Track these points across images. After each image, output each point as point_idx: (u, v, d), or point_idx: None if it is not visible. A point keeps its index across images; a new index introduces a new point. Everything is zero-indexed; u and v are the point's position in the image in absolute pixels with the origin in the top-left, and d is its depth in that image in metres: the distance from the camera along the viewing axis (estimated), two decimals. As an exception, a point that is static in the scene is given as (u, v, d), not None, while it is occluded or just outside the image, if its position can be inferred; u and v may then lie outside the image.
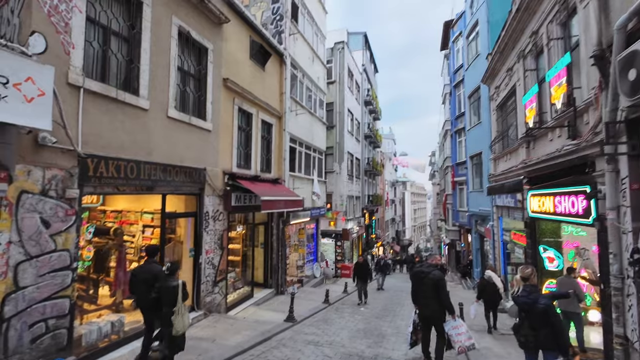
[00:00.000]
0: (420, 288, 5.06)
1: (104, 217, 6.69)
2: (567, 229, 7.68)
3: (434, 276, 4.92)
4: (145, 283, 4.43)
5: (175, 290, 4.23)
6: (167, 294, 4.20)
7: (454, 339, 4.86)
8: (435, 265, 5.24)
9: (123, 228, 6.31)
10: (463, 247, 20.91)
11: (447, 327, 4.88)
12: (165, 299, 4.20)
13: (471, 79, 15.35)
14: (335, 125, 19.99)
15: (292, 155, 12.14)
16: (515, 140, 9.25)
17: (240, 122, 8.71)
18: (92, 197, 5.53)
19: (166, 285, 4.26)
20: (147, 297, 4.37)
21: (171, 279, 4.34)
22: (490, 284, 8.32)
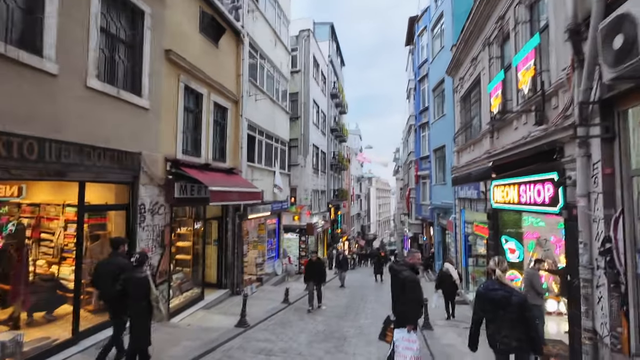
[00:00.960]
0: (393, 285, 4.75)
1: (18, 211, 5.46)
2: (527, 220, 7.63)
3: (403, 277, 4.46)
4: (110, 276, 4.27)
5: (145, 281, 4.14)
6: (136, 285, 4.10)
7: (399, 351, 4.14)
8: (410, 265, 4.68)
9: (25, 224, 5.12)
10: (425, 241, 21.23)
11: (397, 336, 4.23)
12: (134, 291, 4.08)
13: (435, 72, 15.33)
14: (300, 117, 19.24)
15: (251, 144, 11.23)
16: (479, 131, 9.13)
17: (188, 103, 7.68)
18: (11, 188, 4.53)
19: (135, 276, 4.13)
20: (112, 290, 4.20)
21: (139, 270, 4.22)
22: (447, 275, 8.75)
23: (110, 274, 4.30)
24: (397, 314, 4.59)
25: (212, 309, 8.13)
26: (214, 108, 8.85)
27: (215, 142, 8.98)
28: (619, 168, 3.76)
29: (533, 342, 3.43)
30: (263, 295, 10.49)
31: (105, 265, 4.51)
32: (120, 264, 4.41)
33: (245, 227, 10.85)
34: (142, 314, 4.08)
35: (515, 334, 3.47)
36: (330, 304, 9.68)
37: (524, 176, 5.94)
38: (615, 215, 3.77)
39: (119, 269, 4.30)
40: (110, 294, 4.26)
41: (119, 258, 4.59)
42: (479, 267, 10.57)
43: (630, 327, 3.63)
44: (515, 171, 6.17)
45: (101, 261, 4.76)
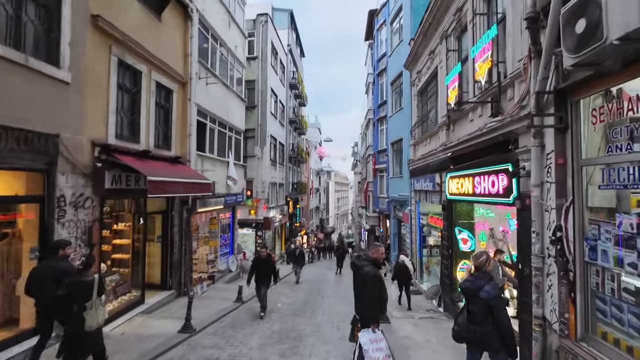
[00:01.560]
0: (355, 282, 4.39)
1: None
2: (479, 210, 7.87)
3: (364, 272, 4.14)
4: (49, 281, 4.04)
5: (90, 285, 3.94)
6: (82, 289, 3.90)
7: (370, 355, 3.91)
8: (373, 260, 4.28)
9: None
10: (382, 233, 21.70)
11: (363, 339, 3.96)
12: (78, 296, 3.88)
13: (394, 66, 15.44)
14: (257, 106, 18.39)
15: (201, 132, 10.34)
16: (435, 124, 9.25)
17: (122, 80, 6.70)
18: None
19: (80, 280, 3.95)
20: (53, 296, 3.92)
21: (86, 273, 4.04)
22: (404, 267, 9.04)
23: (49, 279, 4.06)
24: (360, 312, 4.32)
25: (155, 313, 7.31)
26: (157, 89, 7.88)
27: (158, 127, 8.03)
28: (570, 158, 3.80)
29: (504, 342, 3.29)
30: (214, 294, 9.79)
31: (42, 270, 4.26)
32: (62, 268, 4.20)
33: (195, 222, 10.01)
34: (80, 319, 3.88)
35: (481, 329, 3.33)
36: (286, 301, 9.29)
37: (479, 168, 6.01)
38: (566, 204, 3.82)
39: (61, 273, 4.07)
40: (49, 300, 3.99)
41: (59, 262, 4.34)
42: (432, 257, 10.86)
43: (577, 313, 3.71)
44: (471, 162, 6.23)
45: (38, 266, 4.48)
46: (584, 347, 3.57)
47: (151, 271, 8.82)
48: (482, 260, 3.56)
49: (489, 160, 5.67)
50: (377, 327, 4.02)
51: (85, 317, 3.84)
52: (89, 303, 3.89)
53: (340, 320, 7.19)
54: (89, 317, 3.86)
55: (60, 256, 4.43)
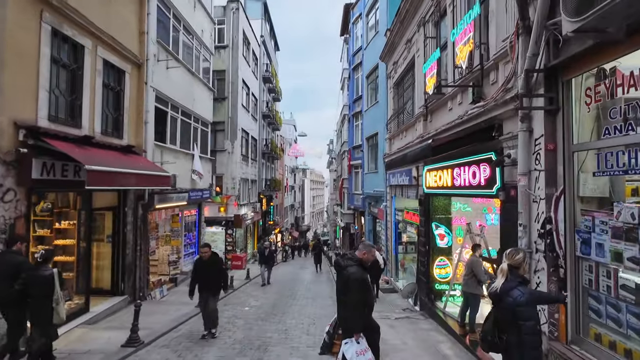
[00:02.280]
0: (338, 283, 3.83)
1: None
2: (456, 205, 7.61)
3: (348, 273, 3.56)
4: (4, 276, 3.94)
5: (50, 279, 3.90)
6: (40, 283, 3.87)
7: None
8: (359, 260, 3.65)
9: None
10: (357, 230, 21.44)
11: (349, 353, 3.37)
12: (37, 290, 3.86)
13: (369, 59, 15.10)
14: (227, 97, 17.41)
15: (161, 120, 9.39)
16: (412, 116, 8.92)
17: (58, 54, 5.72)
18: None
19: (38, 274, 3.89)
20: (8, 291, 3.87)
21: (44, 267, 3.98)
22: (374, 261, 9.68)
23: (5, 274, 3.96)
24: (342, 318, 3.76)
25: (100, 323, 6.40)
26: (105, 68, 6.91)
27: (106, 111, 7.06)
28: (561, 143, 3.47)
29: None
30: (176, 298, 8.92)
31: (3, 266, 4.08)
32: (17, 262, 4.11)
33: (153, 219, 9.07)
34: (47, 314, 3.89)
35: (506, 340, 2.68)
36: (255, 304, 8.61)
37: (459, 158, 5.66)
38: (556, 194, 3.49)
39: (16, 268, 4.00)
40: (6, 295, 3.90)
41: (14, 255, 4.23)
42: (408, 254, 10.60)
43: (568, 313, 3.39)
44: (451, 153, 5.87)
45: None
46: (575, 350, 3.24)
47: (100, 275, 7.83)
48: (519, 258, 2.78)
49: (469, 150, 5.33)
50: (360, 336, 3.48)
51: (56, 309, 3.90)
52: (55, 297, 3.89)
53: (310, 323, 6.65)
54: (59, 309, 3.93)
55: (16, 250, 4.31)
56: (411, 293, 7.99)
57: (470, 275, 5.49)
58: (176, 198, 9.73)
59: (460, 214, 7.56)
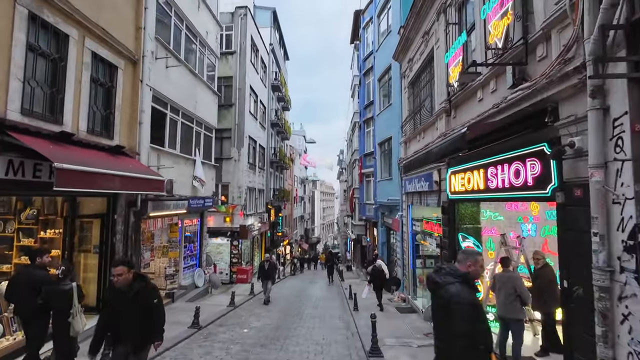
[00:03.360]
0: (434, 307, 2.76)
1: None
2: (485, 213, 6.62)
3: (448, 295, 2.48)
4: (29, 289, 4.10)
5: (69, 293, 4.04)
6: (59, 298, 4.01)
7: None
8: (463, 275, 2.56)
9: None
10: (369, 242, 20.32)
11: None
12: (57, 304, 4.03)
13: (381, 61, 14.38)
14: (234, 104, 16.91)
15: (159, 122, 8.77)
16: (431, 114, 8.05)
17: (36, 41, 5.12)
18: None
19: (58, 289, 4.05)
20: (31, 304, 4.06)
21: (64, 282, 4.11)
22: (380, 271, 9.96)
23: (28, 287, 4.11)
24: (442, 356, 2.65)
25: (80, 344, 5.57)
26: (94, 61, 6.33)
27: (95, 109, 6.44)
28: (656, 122, 2.55)
29: None
30: (170, 317, 7.95)
31: (21, 278, 4.27)
32: (39, 277, 4.21)
33: (147, 229, 8.33)
34: (66, 327, 4.00)
35: None
36: (255, 324, 7.67)
37: (494, 156, 4.73)
38: (651, 191, 2.55)
39: (37, 282, 4.12)
40: (29, 309, 4.09)
41: (36, 270, 4.32)
42: (428, 269, 9.51)
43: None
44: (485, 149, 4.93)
45: (16, 273, 4.62)
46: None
47: (86, 290, 7.04)
48: None
49: (509, 144, 4.40)
50: None
51: (72, 323, 3.98)
52: (73, 310, 4.00)
53: (317, 352, 5.67)
54: (75, 322, 4.01)
55: (37, 264, 4.36)
56: (434, 315, 6.92)
57: (513, 297, 4.48)
58: (174, 206, 9.00)
59: (491, 224, 6.56)
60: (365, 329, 7.30)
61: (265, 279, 10.79)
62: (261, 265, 11.03)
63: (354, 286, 12.20)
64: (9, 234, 6.77)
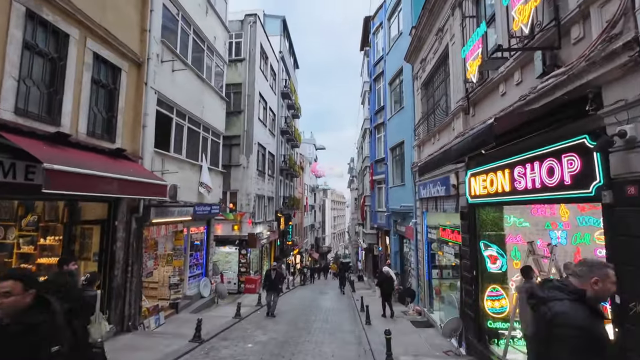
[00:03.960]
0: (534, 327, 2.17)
1: None
2: (509, 218, 6.05)
3: (552, 313, 1.88)
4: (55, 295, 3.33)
5: (93, 300, 4.24)
6: (87, 304, 4.07)
7: None
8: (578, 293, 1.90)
9: None
10: (381, 251, 19.66)
11: None
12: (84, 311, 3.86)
13: (392, 64, 14.04)
14: (243, 110, 16.80)
15: (164, 126, 8.59)
16: (446, 114, 7.60)
17: (34, 39, 4.97)
18: None
19: (86, 295, 4.12)
20: None
21: (89, 289, 4.37)
22: (388, 277, 9.90)
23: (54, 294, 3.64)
24: None
25: None
26: (95, 62, 6.17)
27: (96, 111, 6.26)
28: None
29: None
30: (172, 328, 7.70)
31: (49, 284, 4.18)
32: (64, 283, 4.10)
33: (150, 236, 8.05)
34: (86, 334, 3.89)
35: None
36: (261, 338, 7.21)
37: (522, 154, 4.25)
38: None
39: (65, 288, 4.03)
40: None
41: (64, 277, 4.39)
42: (445, 280, 8.91)
43: None
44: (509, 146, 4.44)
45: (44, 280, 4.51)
46: None
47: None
48: None
49: (540, 139, 3.92)
50: None
51: (90, 330, 3.98)
52: (93, 317, 4.09)
53: (328, 371, 5.18)
54: (93, 330, 4.06)
55: (65, 271, 4.53)
56: (454, 331, 6.34)
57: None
58: (178, 212, 8.72)
59: (516, 231, 5.98)
60: (379, 345, 6.76)
61: (271, 289, 9.92)
62: (267, 274, 10.21)
63: (366, 297, 11.60)
64: (9, 241, 6.60)
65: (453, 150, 4.66)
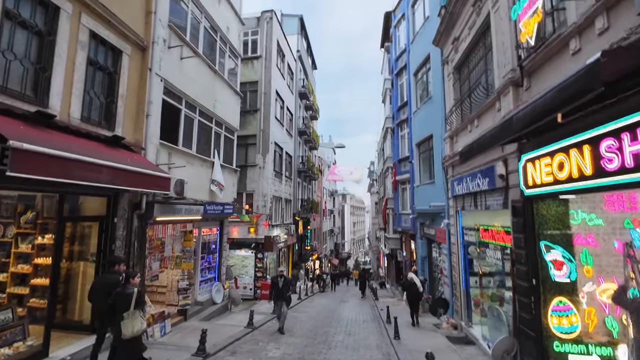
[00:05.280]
0: None
1: None
2: (577, 214, 4.88)
3: None
4: (104, 291, 4.68)
5: (130, 296, 4.37)
6: (122, 300, 4.37)
7: None
8: None
9: None
10: (405, 257, 18.36)
11: None
12: (120, 306, 4.37)
13: (417, 53, 13.00)
14: (259, 109, 16.21)
15: (171, 117, 7.99)
16: (486, 96, 6.52)
17: (16, 8, 4.40)
18: None
19: (122, 292, 4.44)
20: (105, 304, 4.55)
21: (127, 286, 4.52)
22: (412, 284, 9.43)
23: (103, 290, 4.68)
24: None
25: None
26: (92, 41, 5.59)
27: (92, 94, 5.66)
28: None
29: None
30: (177, 339, 6.93)
31: (100, 282, 4.94)
32: (113, 281, 4.81)
33: (155, 235, 7.38)
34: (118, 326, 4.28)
35: None
36: (274, 355, 6.30)
37: (618, 120, 3.16)
38: None
39: (112, 285, 4.66)
40: (101, 308, 4.62)
41: (112, 275, 4.95)
42: (487, 289, 7.70)
43: None
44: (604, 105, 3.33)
45: (98, 277, 5.39)
46: None
47: (80, 305, 6.17)
48: None
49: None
50: None
51: (122, 325, 4.22)
52: (127, 313, 4.30)
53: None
54: (124, 326, 4.23)
55: (114, 271, 5.00)
56: (507, 353, 5.17)
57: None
58: (186, 210, 8.04)
59: (585, 230, 4.81)
60: (411, 366, 5.71)
61: (279, 299, 8.23)
62: (273, 282, 8.44)
63: (392, 307, 10.47)
64: (7, 239, 6.10)
65: (517, 119, 3.60)
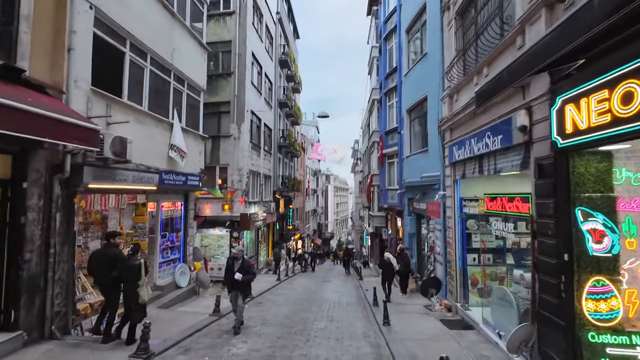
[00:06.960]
0: None
1: None
2: (620, 173, 3.83)
3: None
4: (107, 264, 5.02)
5: (138, 267, 4.92)
6: (130, 271, 4.89)
7: None
8: None
9: None
10: (390, 235, 17.57)
11: None
12: (128, 276, 4.89)
13: (411, 6, 11.54)
14: (233, 72, 14.45)
15: (113, 62, 6.37)
16: (501, 35, 5.29)
17: None
18: None
19: (129, 264, 4.93)
20: (108, 276, 4.99)
21: (133, 258, 5.04)
22: (388, 263, 9.88)
23: (105, 262, 5.05)
24: None
25: None
26: None
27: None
28: None
29: None
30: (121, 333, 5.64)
31: (100, 255, 5.23)
32: (115, 254, 5.17)
33: (90, 207, 5.91)
34: (135, 296, 4.90)
35: None
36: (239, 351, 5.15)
37: None
38: None
39: (113, 258, 5.08)
40: (104, 279, 5.07)
41: (112, 248, 5.27)
42: (488, 267, 6.79)
43: None
44: None
45: (97, 251, 5.52)
46: None
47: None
48: None
49: None
50: None
51: (139, 292, 4.88)
52: (141, 281, 4.89)
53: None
54: (142, 292, 4.90)
55: (112, 243, 5.34)
56: (525, 343, 4.22)
57: None
58: (135, 178, 6.55)
59: (629, 192, 3.78)
60: (406, 358, 4.71)
61: (233, 288, 6.14)
62: (228, 265, 6.35)
63: (379, 287, 9.56)
64: None
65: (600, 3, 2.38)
